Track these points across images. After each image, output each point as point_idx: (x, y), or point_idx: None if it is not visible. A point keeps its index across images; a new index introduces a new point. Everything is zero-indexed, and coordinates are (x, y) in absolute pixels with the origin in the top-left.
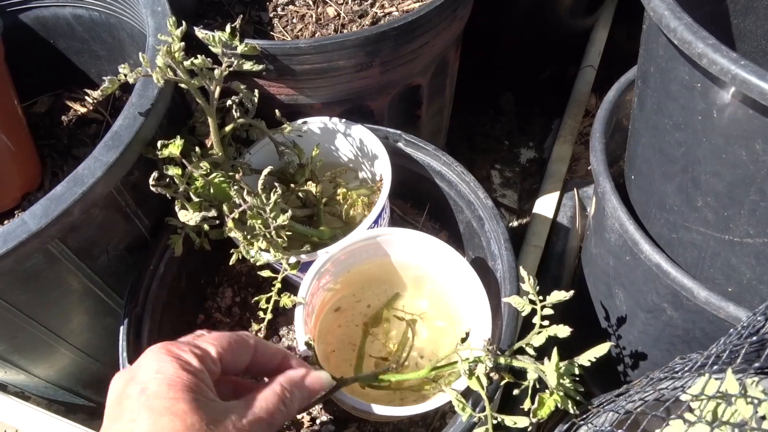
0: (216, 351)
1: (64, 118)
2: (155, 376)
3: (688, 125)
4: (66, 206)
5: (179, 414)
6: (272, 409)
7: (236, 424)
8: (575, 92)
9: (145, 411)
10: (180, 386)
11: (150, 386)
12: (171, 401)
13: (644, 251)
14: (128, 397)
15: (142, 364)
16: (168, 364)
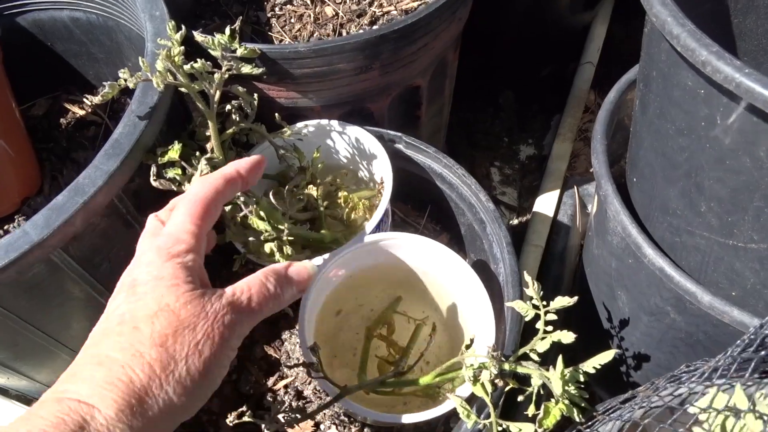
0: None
1: (63, 121)
2: (144, 266)
3: (691, 131)
4: (68, 216)
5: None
6: (258, 297)
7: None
8: (574, 89)
9: (129, 297)
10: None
11: (140, 279)
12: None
13: (647, 255)
14: (122, 287)
15: (141, 258)
16: (157, 258)
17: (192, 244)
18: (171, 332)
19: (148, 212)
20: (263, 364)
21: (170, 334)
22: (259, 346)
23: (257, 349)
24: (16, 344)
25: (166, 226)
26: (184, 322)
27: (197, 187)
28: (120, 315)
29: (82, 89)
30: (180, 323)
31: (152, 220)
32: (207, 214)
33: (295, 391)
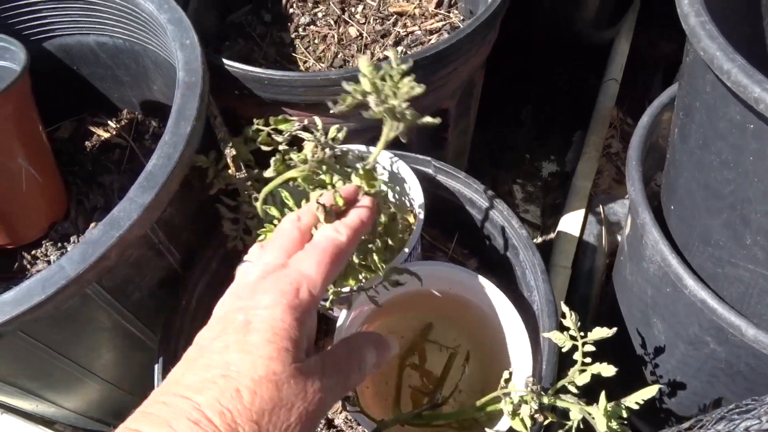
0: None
1: (88, 144)
2: (262, 312)
3: (738, 164)
4: (103, 251)
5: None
6: (348, 377)
7: (313, 385)
8: (598, 107)
9: (238, 343)
10: (279, 330)
11: (255, 320)
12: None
13: (688, 286)
14: (231, 322)
15: (257, 292)
16: (278, 305)
17: (314, 299)
18: (269, 409)
19: (179, 241)
20: None
21: (267, 410)
22: None
23: None
24: (48, 375)
25: (292, 268)
26: (283, 400)
27: (326, 236)
28: (225, 364)
29: (107, 112)
30: (279, 400)
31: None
32: (333, 269)
33: (326, 420)
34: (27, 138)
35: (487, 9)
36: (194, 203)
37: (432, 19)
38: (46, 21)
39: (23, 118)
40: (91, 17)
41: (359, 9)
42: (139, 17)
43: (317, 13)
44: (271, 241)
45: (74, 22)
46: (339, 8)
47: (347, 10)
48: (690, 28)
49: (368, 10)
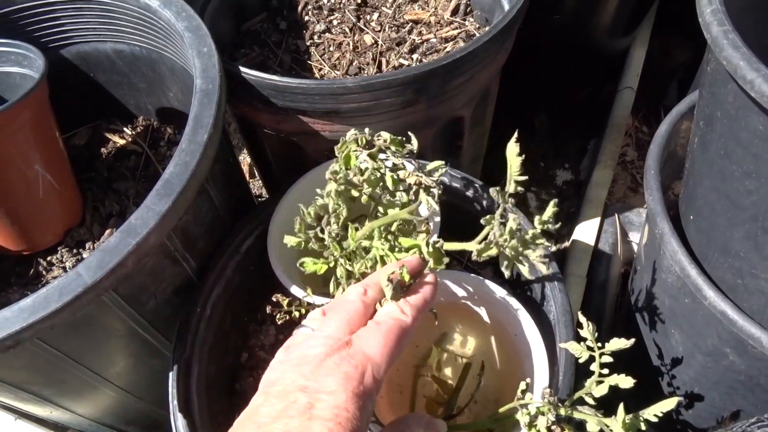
0: (389, 359)
1: (103, 151)
2: (327, 397)
3: (760, 174)
4: (120, 258)
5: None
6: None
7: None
8: (614, 116)
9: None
10: (343, 420)
11: (318, 406)
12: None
13: (708, 297)
14: (293, 404)
15: (322, 371)
16: (343, 391)
17: (378, 383)
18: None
19: (195, 249)
20: None
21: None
22: None
23: None
24: (63, 382)
25: (357, 347)
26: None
27: (392, 317)
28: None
29: (123, 119)
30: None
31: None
32: (397, 351)
33: None
34: (44, 144)
35: (504, 17)
36: (210, 211)
37: (447, 27)
38: (63, 28)
39: (41, 124)
40: (108, 25)
41: (374, 17)
42: (157, 25)
43: (332, 21)
44: (335, 311)
45: (91, 29)
46: (354, 16)
47: (362, 17)
48: (712, 38)
49: (383, 17)
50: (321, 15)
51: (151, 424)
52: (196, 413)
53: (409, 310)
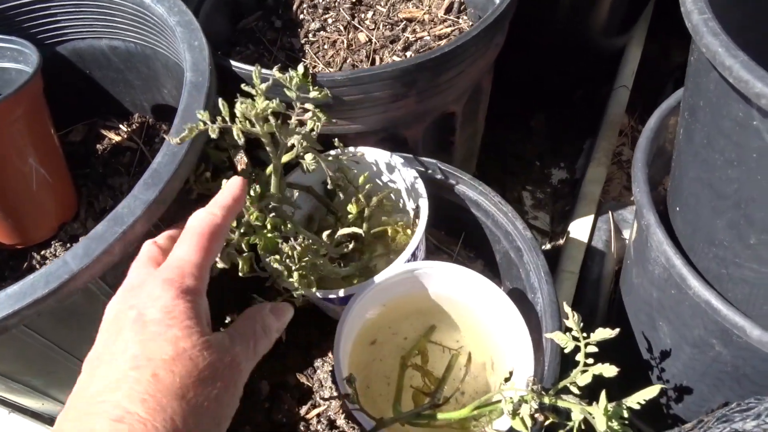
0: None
1: (99, 147)
2: (152, 299)
3: (742, 162)
4: (107, 246)
5: (172, 340)
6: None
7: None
8: (609, 114)
9: (138, 335)
10: (176, 312)
11: (147, 311)
12: (163, 325)
13: (692, 287)
14: (125, 320)
15: (144, 288)
16: (165, 293)
17: (201, 280)
18: (191, 382)
19: None
20: (296, 393)
21: (190, 384)
22: (292, 374)
23: (290, 378)
24: (52, 371)
25: (171, 257)
26: (203, 371)
27: (200, 219)
28: (133, 357)
29: (119, 115)
30: (199, 373)
31: (150, 247)
32: (213, 248)
33: (328, 420)
34: (38, 139)
35: (492, 12)
36: (197, 203)
37: (441, 25)
38: (59, 25)
39: (35, 119)
40: (103, 21)
41: (369, 15)
42: (150, 20)
43: (327, 19)
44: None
45: (87, 26)
46: (349, 14)
47: (357, 16)
48: (693, 26)
49: (378, 16)
50: (316, 13)
51: None
52: None
53: (217, 209)
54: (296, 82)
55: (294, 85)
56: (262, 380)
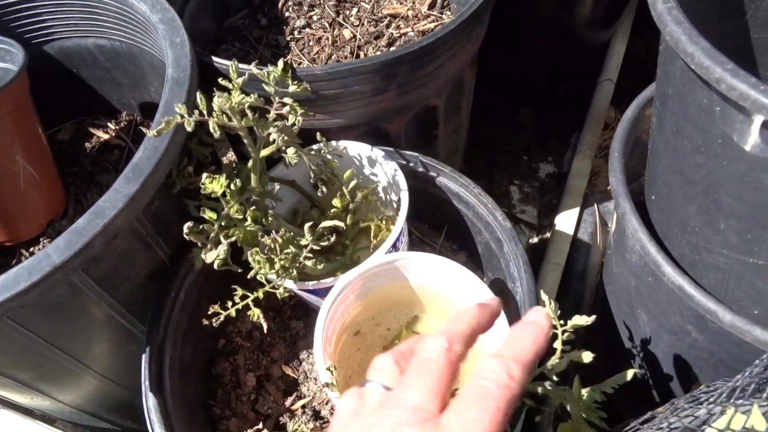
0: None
1: (87, 145)
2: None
3: (708, 148)
4: (88, 239)
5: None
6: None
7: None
8: (593, 106)
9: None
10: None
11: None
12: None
13: (666, 273)
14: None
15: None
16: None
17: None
18: None
19: (168, 235)
20: (281, 384)
21: None
22: (278, 365)
23: (275, 369)
24: (39, 365)
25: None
26: None
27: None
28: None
29: (107, 114)
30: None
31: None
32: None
33: (313, 411)
34: (25, 137)
35: (470, 6)
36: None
37: (424, 20)
38: (45, 24)
39: (21, 117)
40: (89, 20)
41: (353, 12)
42: (133, 18)
43: (312, 17)
44: (416, 370)
45: (73, 25)
46: (334, 11)
47: (342, 13)
48: (657, 14)
49: (362, 12)
50: (301, 11)
51: (133, 414)
52: (169, 395)
53: (517, 371)
54: (274, 77)
55: (272, 79)
56: (248, 372)
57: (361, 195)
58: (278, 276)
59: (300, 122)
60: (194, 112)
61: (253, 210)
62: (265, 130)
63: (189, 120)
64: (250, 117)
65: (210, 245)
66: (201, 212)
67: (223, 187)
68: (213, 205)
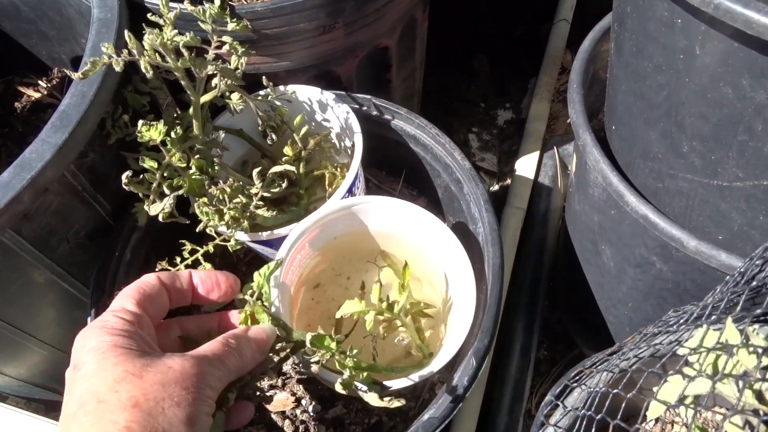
0: (133, 302)
1: (17, 105)
2: (84, 351)
3: (669, 66)
4: (14, 194)
5: (109, 369)
6: (218, 351)
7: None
8: (550, 48)
9: (81, 385)
10: (106, 347)
11: (83, 362)
12: (99, 363)
13: (630, 203)
14: (71, 381)
15: (74, 348)
16: (94, 339)
17: (131, 318)
18: (139, 394)
19: (107, 190)
20: None
21: (139, 395)
22: None
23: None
24: None
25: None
26: (149, 381)
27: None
28: (78, 398)
29: (37, 71)
30: (145, 384)
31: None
32: (146, 299)
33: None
34: None
35: None
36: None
37: None
38: None
39: None
40: None
41: None
42: None
43: None
44: None
45: None
46: None
47: None
48: None
49: None
50: None
51: None
52: None
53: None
54: (211, 14)
55: (209, 17)
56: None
57: (314, 142)
58: (228, 227)
59: (243, 65)
60: (123, 52)
61: (198, 159)
62: (204, 70)
63: (117, 60)
64: (186, 57)
65: (153, 197)
66: (141, 162)
67: (162, 135)
68: (154, 156)
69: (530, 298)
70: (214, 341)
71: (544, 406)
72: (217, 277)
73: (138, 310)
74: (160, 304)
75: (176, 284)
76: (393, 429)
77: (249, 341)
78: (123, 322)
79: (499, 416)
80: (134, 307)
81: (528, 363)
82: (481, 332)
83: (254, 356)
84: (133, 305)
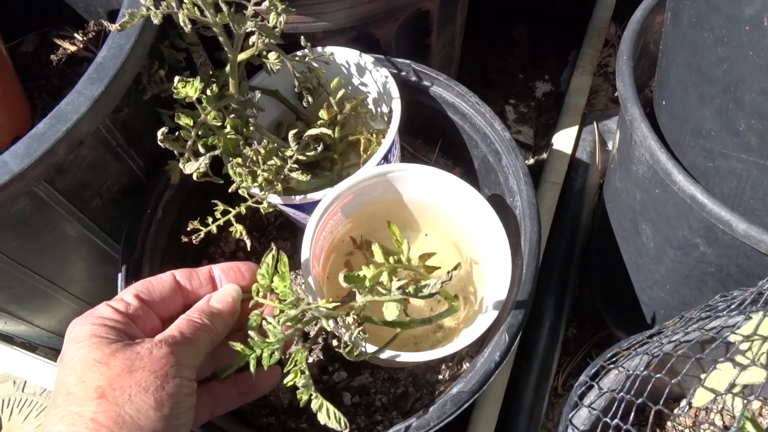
0: (132, 293)
1: (53, 58)
2: (67, 341)
3: (732, 38)
4: (50, 145)
5: (80, 359)
6: (185, 328)
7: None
8: (594, 19)
9: (58, 376)
10: (84, 337)
11: (65, 352)
12: (74, 353)
13: (677, 182)
14: (57, 372)
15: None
16: (78, 328)
17: (123, 308)
18: (106, 383)
19: (142, 148)
20: None
21: (105, 385)
22: None
23: None
24: (10, 286)
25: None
26: (116, 368)
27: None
28: (54, 392)
29: (73, 24)
30: (112, 372)
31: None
32: (150, 294)
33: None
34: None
35: None
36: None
37: None
38: None
39: None
40: None
41: None
42: None
43: None
44: None
45: None
46: None
47: None
48: None
49: None
50: None
51: None
52: None
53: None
54: None
55: None
56: None
57: (350, 106)
58: (261, 190)
59: (282, 23)
60: (161, 4)
61: (233, 118)
62: (242, 26)
63: (156, 12)
64: (225, 12)
65: (188, 155)
66: (176, 119)
67: (198, 92)
68: (189, 113)
69: (562, 276)
70: (180, 319)
71: (578, 387)
72: (239, 267)
73: (135, 302)
74: (170, 301)
75: (192, 282)
76: (419, 400)
77: (214, 311)
78: (112, 311)
79: (526, 393)
80: (132, 299)
81: (556, 341)
82: (515, 308)
83: (225, 321)
84: (131, 297)
